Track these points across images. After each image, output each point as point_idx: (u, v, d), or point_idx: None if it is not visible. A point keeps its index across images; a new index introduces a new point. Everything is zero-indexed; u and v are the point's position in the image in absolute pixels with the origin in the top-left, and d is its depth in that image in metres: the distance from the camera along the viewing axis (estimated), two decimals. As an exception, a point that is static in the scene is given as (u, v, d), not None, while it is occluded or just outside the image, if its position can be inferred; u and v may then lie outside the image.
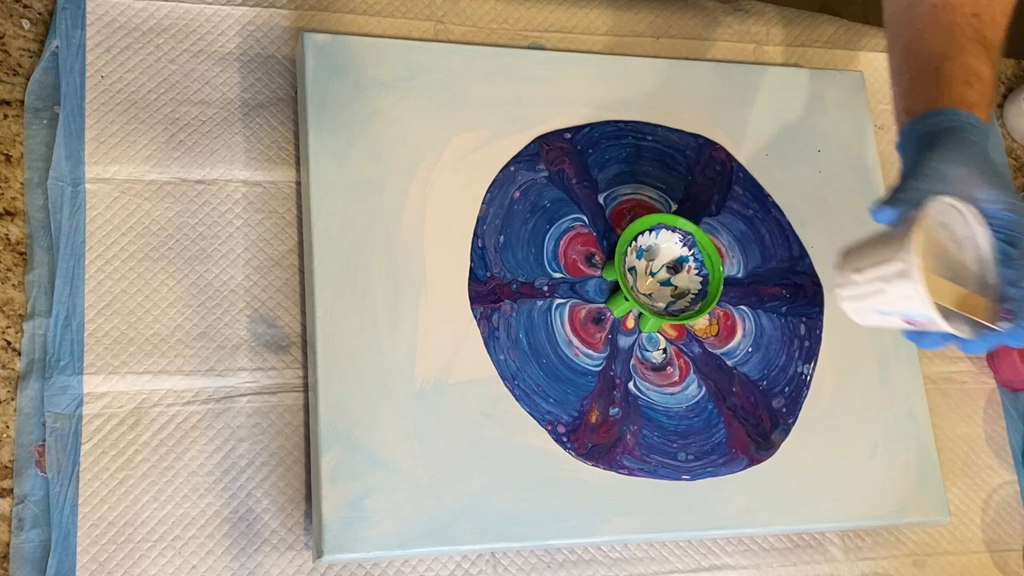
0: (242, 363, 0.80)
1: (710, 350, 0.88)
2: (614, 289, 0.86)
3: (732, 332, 0.89)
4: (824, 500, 0.85)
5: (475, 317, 0.82)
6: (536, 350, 0.83)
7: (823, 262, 0.93)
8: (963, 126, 0.70)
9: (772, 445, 0.86)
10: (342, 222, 0.81)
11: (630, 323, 0.86)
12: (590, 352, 0.84)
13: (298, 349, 0.82)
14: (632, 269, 0.86)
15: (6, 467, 0.75)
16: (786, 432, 0.87)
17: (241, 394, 0.79)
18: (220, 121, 0.86)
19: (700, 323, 0.88)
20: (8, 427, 0.75)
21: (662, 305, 0.85)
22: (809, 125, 0.97)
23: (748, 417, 0.86)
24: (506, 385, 0.81)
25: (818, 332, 0.91)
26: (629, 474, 0.81)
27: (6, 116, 0.82)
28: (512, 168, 0.87)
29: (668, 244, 0.86)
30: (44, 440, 0.75)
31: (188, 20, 0.87)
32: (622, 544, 0.83)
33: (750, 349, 0.89)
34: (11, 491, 0.74)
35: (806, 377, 0.89)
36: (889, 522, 0.87)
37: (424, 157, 0.85)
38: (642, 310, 0.82)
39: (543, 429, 0.81)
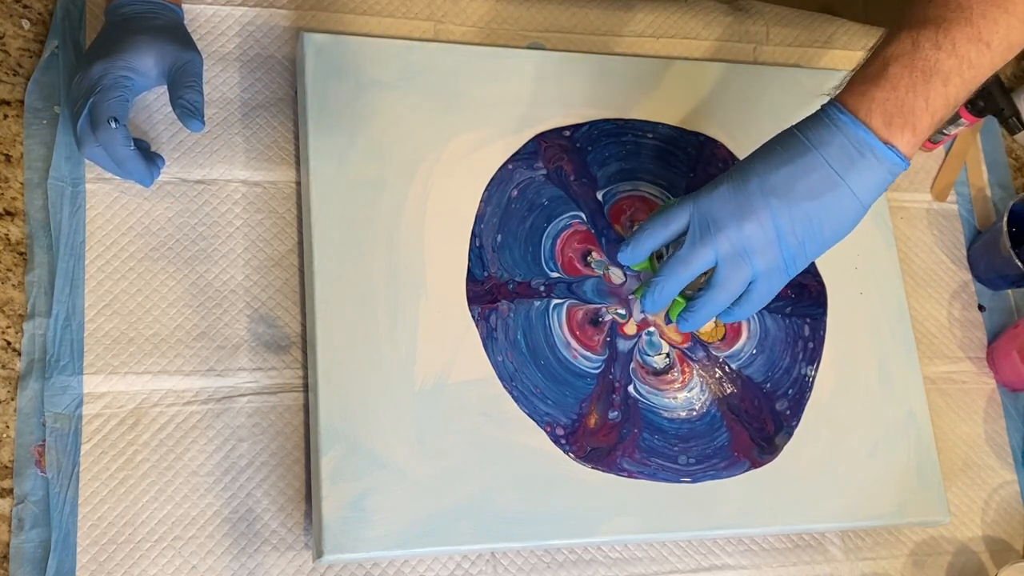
0: (242, 363, 0.80)
1: (714, 353, 0.88)
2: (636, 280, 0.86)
3: (738, 335, 0.89)
4: (824, 500, 0.85)
5: (473, 317, 0.82)
6: (534, 351, 0.83)
7: (825, 262, 0.93)
8: None
9: (775, 449, 0.86)
10: (342, 222, 0.81)
11: (629, 329, 0.86)
12: (588, 354, 0.84)
13: (298, 349, 0.82)
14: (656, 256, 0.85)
15: (6, 467, 0.75)
16: (789, 435, 0.87)
17: (241, 394, 0.80)
18: (220, 121, 0.86)
19: (706, 327, 0.88)
20: (8, 427, 0.75)
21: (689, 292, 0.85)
22: (809, 125, 0.96)
23: (752, 421, 0.86)
24: (505, 386, 0.81)
25: (821, 333, 0.91)
26: (629, 477, 0.81)
27: (6, 116, 0.82)
28: (510, 166, 0.87)
29: None
30: (44, 440, 0.75)
31: (188, 20, 0.87)
32: (622, 544, 0.83)
33: (754, 351, 0.88)
34: (11, 491, 0.74)
35: (809, 379, 0.89)
36: (889, 522, 0.87)
37: (424, 157, 0.85)
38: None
39: (542, 431, 0.81)
